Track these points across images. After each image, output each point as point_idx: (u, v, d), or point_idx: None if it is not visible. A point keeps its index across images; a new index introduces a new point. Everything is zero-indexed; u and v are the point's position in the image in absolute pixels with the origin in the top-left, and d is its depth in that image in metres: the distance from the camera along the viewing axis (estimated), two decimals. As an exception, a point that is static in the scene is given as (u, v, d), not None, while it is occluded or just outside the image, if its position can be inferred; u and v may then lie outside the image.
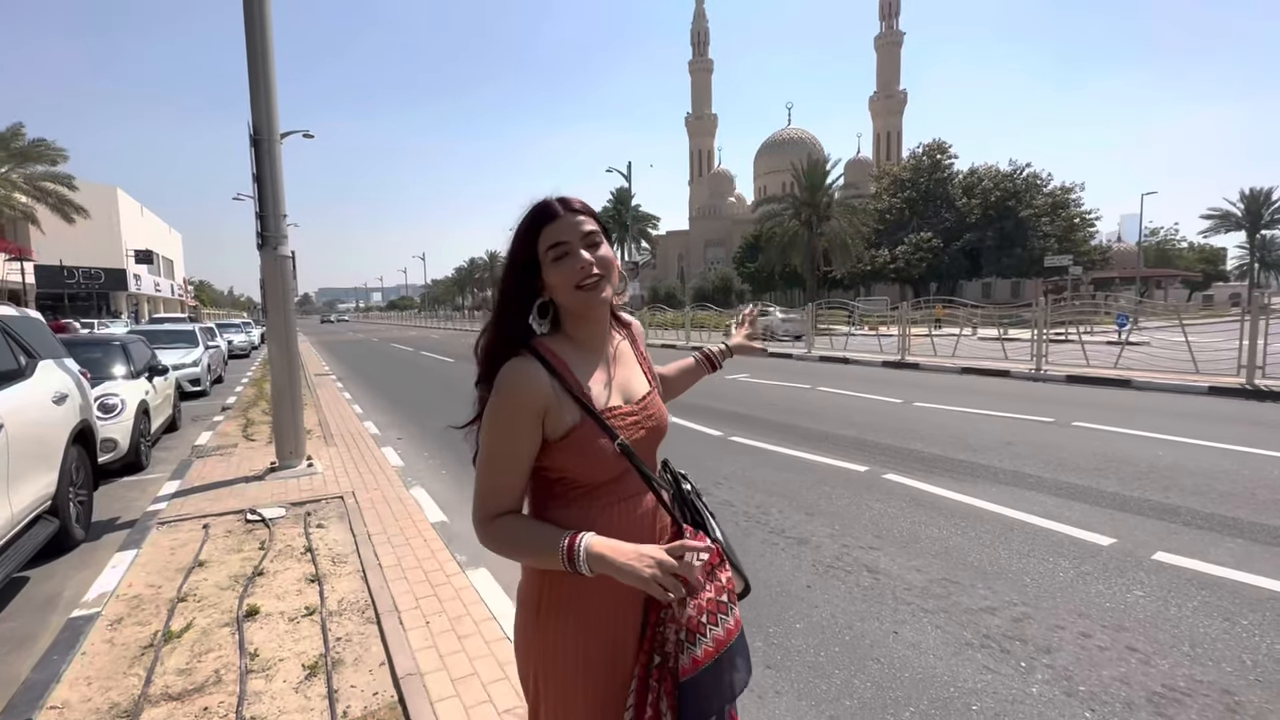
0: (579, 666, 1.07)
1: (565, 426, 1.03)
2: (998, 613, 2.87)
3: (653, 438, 1.15)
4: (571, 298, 1.06)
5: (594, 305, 1.07)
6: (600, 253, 1.06)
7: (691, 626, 1.00)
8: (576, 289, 1.04)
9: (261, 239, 5.10)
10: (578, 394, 1.05)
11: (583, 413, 1.04)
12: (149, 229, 43.69)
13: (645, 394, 1.17)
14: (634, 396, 1.15)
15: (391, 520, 4.14)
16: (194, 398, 10.94)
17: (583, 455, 1.04)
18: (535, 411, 1.02)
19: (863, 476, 5.06)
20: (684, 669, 0.99)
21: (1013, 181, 39.06)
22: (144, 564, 3.47)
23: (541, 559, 1.01)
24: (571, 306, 1.08)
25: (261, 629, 2.73)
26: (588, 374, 1.10)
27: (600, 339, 1.15)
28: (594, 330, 1.13)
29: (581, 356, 1.11)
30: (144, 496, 5.01)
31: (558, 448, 1.03)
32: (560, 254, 1.04)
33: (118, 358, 6.53)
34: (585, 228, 1.05)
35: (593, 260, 1.04)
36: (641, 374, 1.21)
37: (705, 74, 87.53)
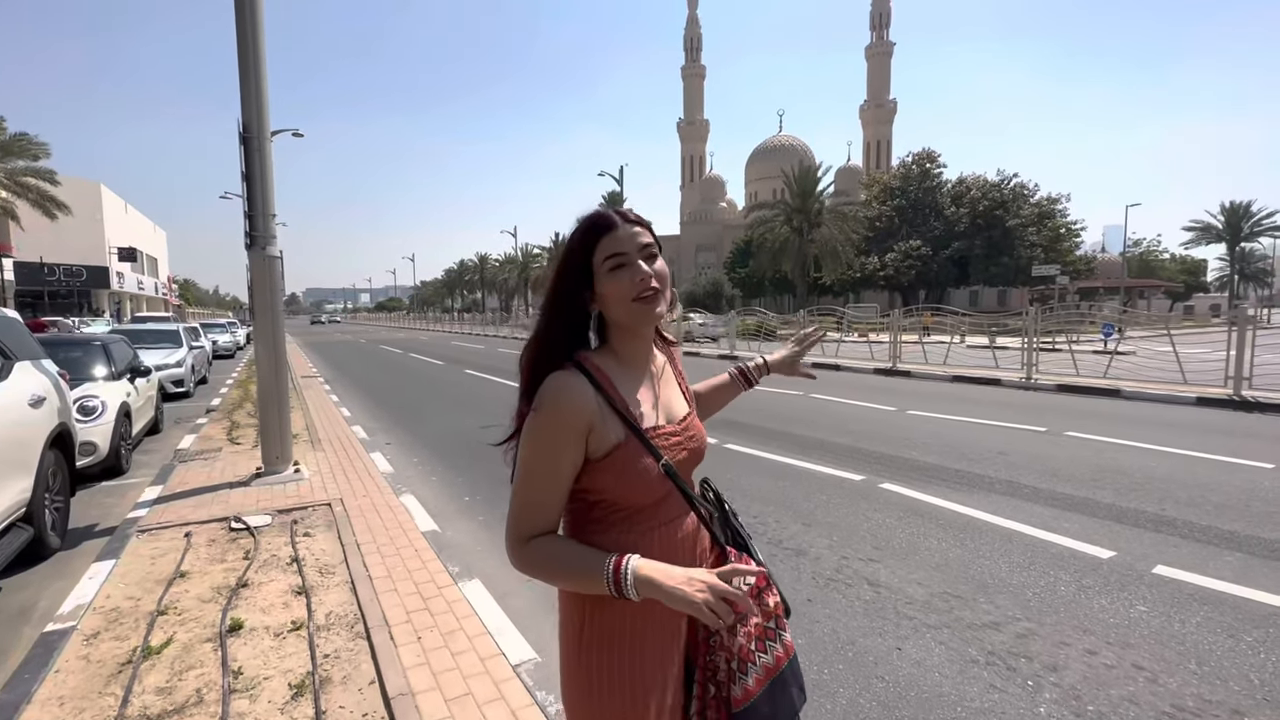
0: (627, 699, 1.01)
1: (609, 445, 0.98)
2: (1002, 628, 2.83)
3: (693, 459, 1.11)
4: (628, 311, 1.01)
5: (651, 320, 1.03)
6: (657, 266, 1.02)
7: (742, 655, 0.98)
8: (634, 301, 1.00)
9: (250, 239, 4.98)
10: (623, 411, 1.01)
11: (628, 431, 1.00)
12: (133, 226, 43.03)
13: (686, 414, 1.14)
14: (676, 416, 1.11)
15: (381, 529, 4.03)
16: (177, 399, 10.72)
17: (626, 476, 0.99)
18: (579, 428, 0.97)
19: (859, 485, 5.02)
20: (736, 699, 0.98)
21: (1000, 191, 39.49)
22: (122, 575, 3.34)
23: (583, 582, 0.96)
24: (626, 320, 1.03)
25: (246, 645, 2.62)
26: (633, 391, 1.05)
27: (645, 356, 1.11)
28: (640, 346, 1.09)
29: (626, 373, 1.06)
30: (124, 502, 4.86)
31: (600, 467, 0.99)
32: (618, 264, 1.00)
33: (98, 358, 6.36)
34: (643, 240, 1.02)
35: (651, 273, 1.00)
36: (682, 394, 1.17)
37: (698, 80, 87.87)
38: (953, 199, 40.68)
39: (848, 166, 71.12)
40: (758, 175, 77.22)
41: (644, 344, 1.10)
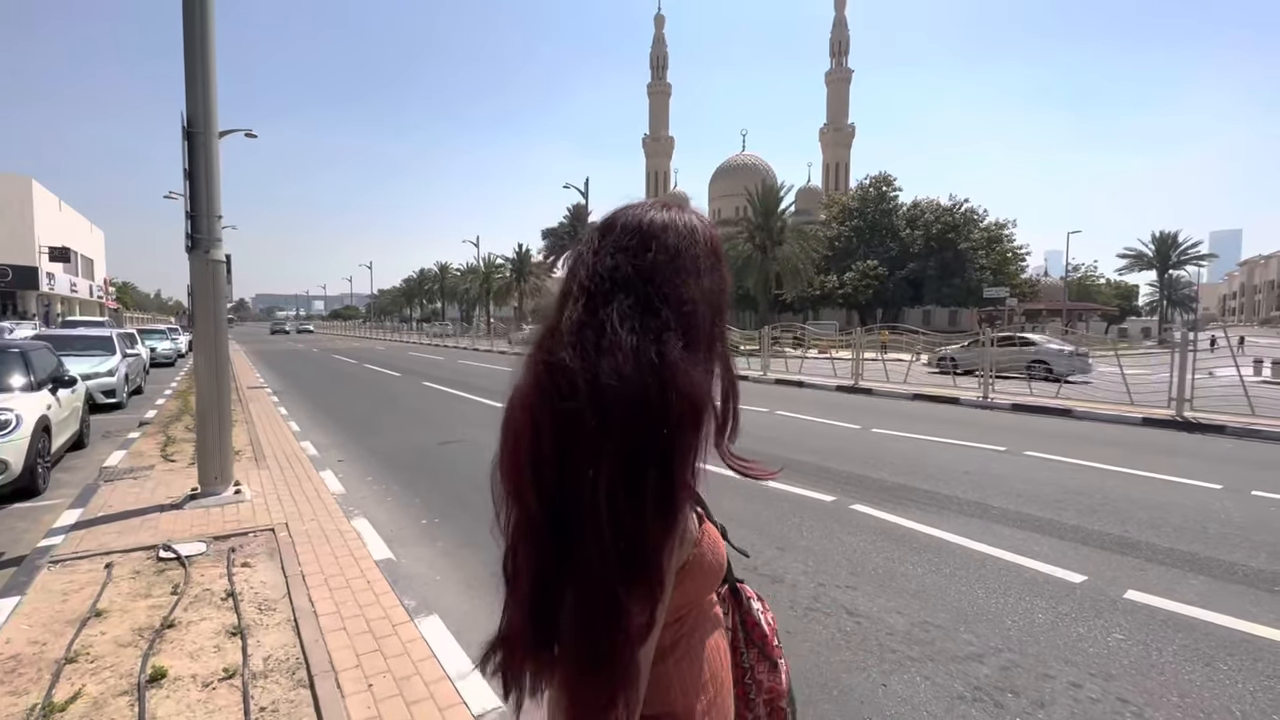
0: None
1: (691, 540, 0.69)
2: (985, 660, 2.75)
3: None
4: None
5: None
6: None
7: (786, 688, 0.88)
8: None
9: (191, 241, 4.62)
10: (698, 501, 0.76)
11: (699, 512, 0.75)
12: (67, 225, 40.55)
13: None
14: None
15: (330, 557, 3.72)
16: (108, 410, 9.98)
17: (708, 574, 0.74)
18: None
19: (830, 507, 4.95)
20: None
21: (952, 215, 41.06)
22: (27, 614, 2.96)
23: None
24: None
25: (169, 698, 2.32)
26: None
27: None
28: None
29: None
30: (36, 528, 4.40)
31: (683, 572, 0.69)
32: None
33: (15, 367, 5.81)
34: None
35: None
36: None
37: (663, 97, 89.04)
38: (908, 221, 42.08)
39: (808, 187, 72.96)
40: (721, 193, 78.45)
41: None
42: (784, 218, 33.76)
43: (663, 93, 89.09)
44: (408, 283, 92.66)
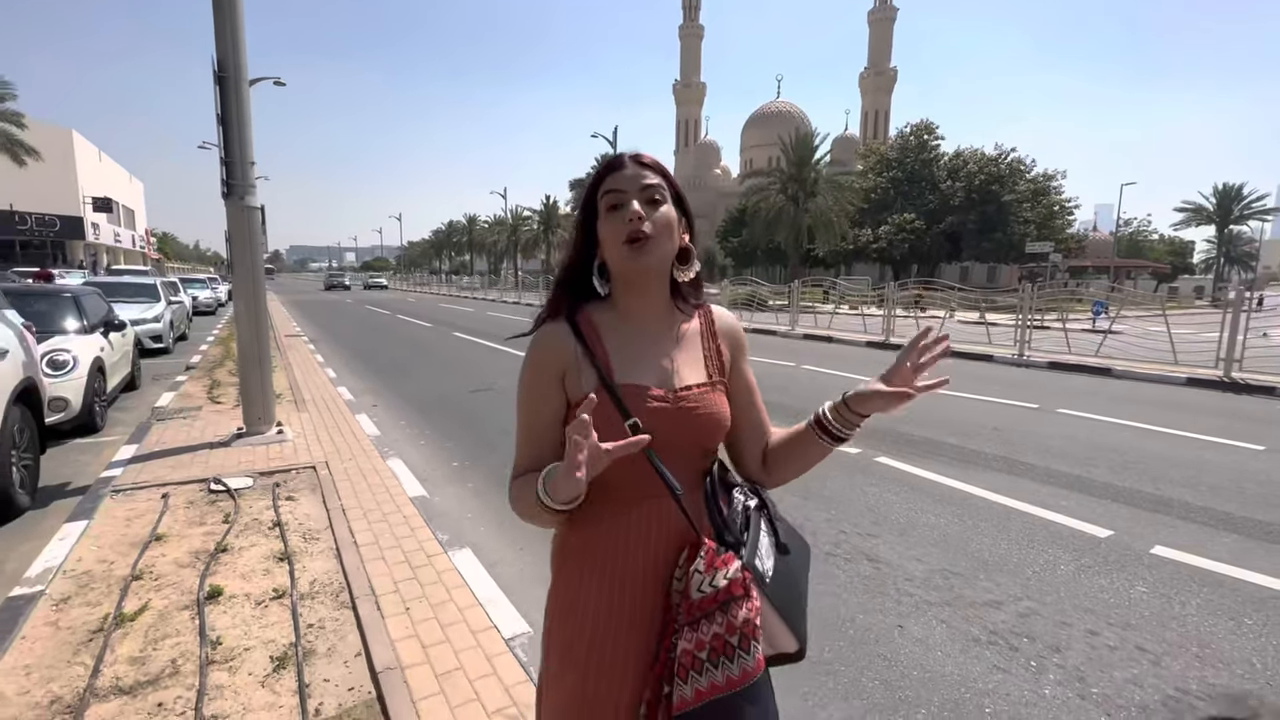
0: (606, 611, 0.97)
1: (582, 392, 0.94)
2: (1003, 607, 2.79)
3: (688, 434, 0.97)
4: (619, 256, 0.95)
5: (639, 268, 0.95)
6: (659, 212, 0.95)
7: (683, 661, 0.88)
8: (623, 244, 0.93)
9: (227, 188, 4.70)
10: (600, 363, 0.95)
11: (598, 381, 0.94)
12: (108, 176, 41.48)
13: (694, 384, 1.01)
14: (675, 383, 0.99)
15: (367, 493, 3.91)
16: (156, 355, 10.43)
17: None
18: (554, 373, 0.97)
19: (855, 459, 4.97)
20: (675, 705, 0.89)
21: (997, 166, 39.10)
22: (95, 536, 3.20)
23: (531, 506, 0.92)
24: (618, 268, 0.97)
25: (225, 613, 2.51)
26: (624, 347, 0.99)
27: (653, 314, 1.02)
28: (643, 302, 1.01)
29: (625, 328, 1.01)
30: (98, 461, 4.69)
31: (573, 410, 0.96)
32: (613, 203, 0.94)
33: (69, 311, 6.08)
34: (646, 180, 0.95)
35: (642, 213, 0.93)
36: (700, 364, 1.04)
37: (695, 40, 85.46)
38: (949, 172, 40.27)
39: (845, 136, 70.14)
40: (754, 142, 75.95)
41: (647, 299, 1.01)
42: (818, 168, 32.63)
43: (695, 35, 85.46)
44: (436, 235, 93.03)
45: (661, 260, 0.97)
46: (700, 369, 1.03)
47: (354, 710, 1.99)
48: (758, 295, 19.77)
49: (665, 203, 0.96)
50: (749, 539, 0.96)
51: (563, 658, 1.00)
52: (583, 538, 0.99)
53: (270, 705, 2.00)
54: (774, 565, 0.97)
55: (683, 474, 0.97)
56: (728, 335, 1.09)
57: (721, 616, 0.88)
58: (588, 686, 0.97)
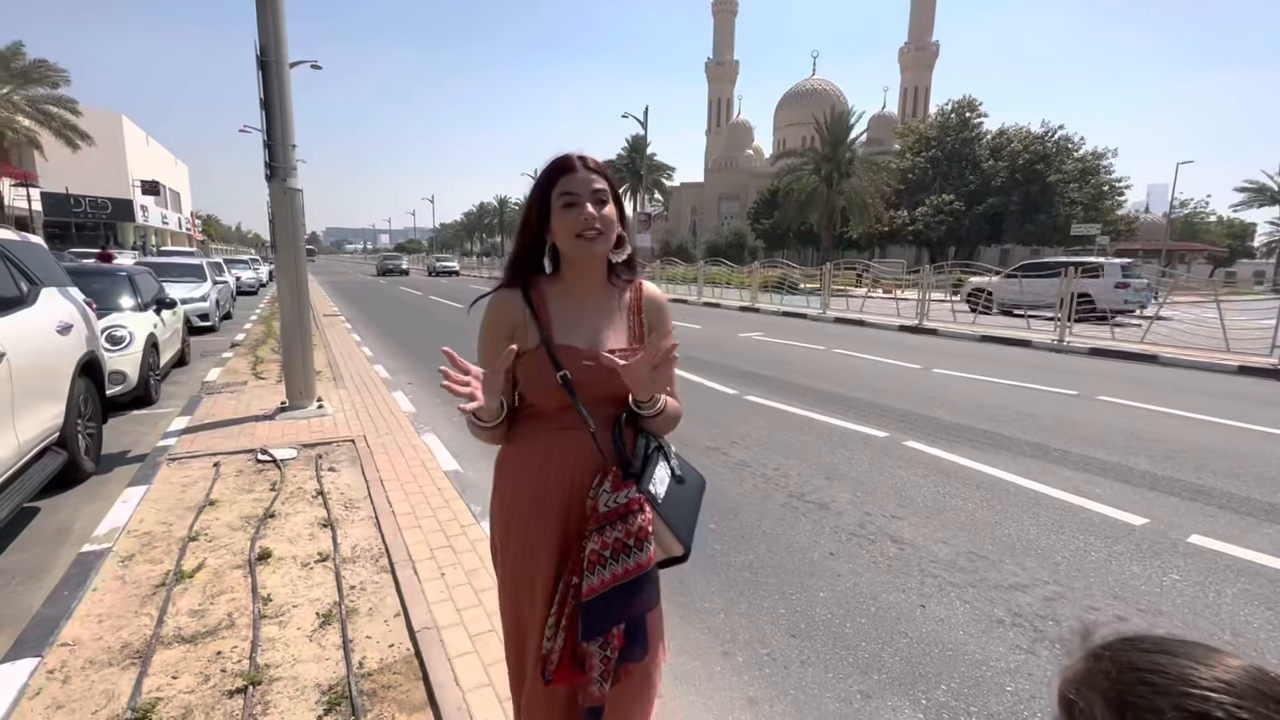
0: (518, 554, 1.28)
1: (525, 348, 1.22)
2: (1028, 590, 2.78)
3: (604, 387, 1.23)
4: (570, 245, 1.20)
5: (588, 256, 1.21)
6: (605, 211, 1.19)
7: (591, 558, 1.17)
8: (576, 238, 1.18)
9: (270, 170, 4.86)
10: (543, 325, 1.23)
11: (540, 340, 1.22)
12: (155, 159, 42.93)
13: (617, 348, 1.27)
14: (600, 345, 1.26)
15: (404, 466, 4.06)
16: (203, 333, 10.87)
17: (529, 375, 1.23)
18: (505, 330, 1.24)
19: (883, 442, 4.95)
20: (584, 592, 1.17)
21: (1043, 144, 37.54)
22: (155, 500, 3.42)
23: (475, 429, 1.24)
24: (568, 253, 1.22)
25: (274, 573, 2.67)
26: (564, 314, 1.26)
27: (590, 288, 1.28)
28: (585, 279, 1.27)
29: (567, 300, 1.27)
30: (154, 431, 4.96)
31: (517, 364, 1.21)
32: (568, 203, 1.17)
33: (124, 289, 6.39)
34: (595, 185, 1.18)
35: (595, 215, 1.17)
36: (623, 332, 1.30)
37: (729, 16, 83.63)
38: (991, 151, 38.85)
39: (882, 114, 68.13)
40: (787, 121, 74.35)
41: (587, 277, 1.26)
42: (854, 148, 31.87)
43: (728, 11, 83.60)
44: (468, 217, 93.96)
45: (605, 249, 1.21)
46: (623, 336, 1.29)
47: (394, 665, 2.12)
48: (788, 278, 19.54)
49: (609, 203, 1.20)
50: (647, 470, 1.24)
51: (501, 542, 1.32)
52: (518, 451, 1.28)
53: (318, 658, 2.14)
54: (667, 490, 1.26)
55: (600, 417, 1.25)
56: (651, 309, 1.35)
57: (621, 525, 1.17)
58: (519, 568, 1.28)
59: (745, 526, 3.42)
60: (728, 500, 3.78)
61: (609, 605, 1.17)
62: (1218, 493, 3.94)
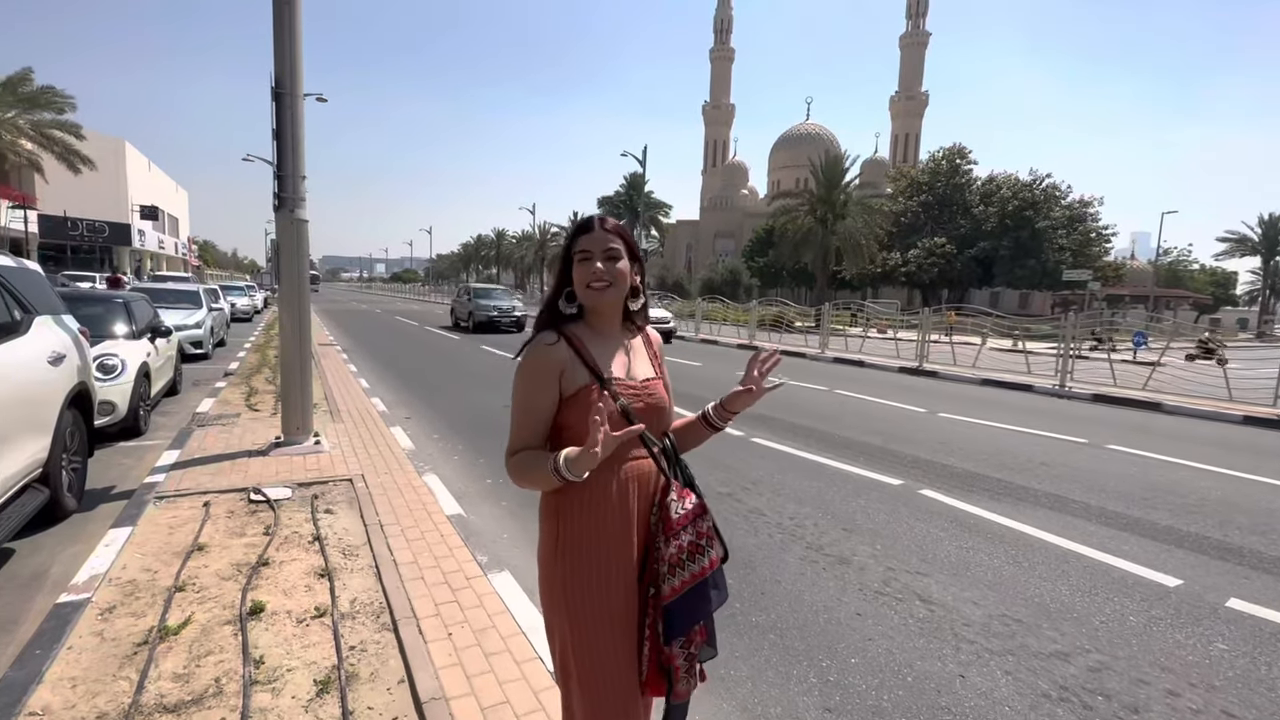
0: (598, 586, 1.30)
1: (576, 386, 1.28)
2: (1071, 660, 2.62)
3: (652, 413, 1.36)
4: (582, 294, 1.32)
5: (598, 304, 1.33)
6: (616, 266, 1.30)
7: (672, 562, 1.27)
8: (586, 288, 1.30)
9: (279, 200, 4.78)
10: (590, 362, 1.30)
11: (591, 376, 1.29)
12: (156, 185, 43.11)
13: (648, 378, 1.39)
14: (638, 376, 1.38)
15: (405, 510, 3.88)
16: (196, 360, 10.66)
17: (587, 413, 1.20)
18: (553, 371, 1.29)
19: (898, 490, 4.81)
20: (664, 596, 1.27)
21: (1032, 191, 38.50)
22: (139, 543, 3.21)
23: (539, 476, 1.24)
24: (583, 300, 1.34)
25: (267, 630, 2.47)
26: (600, 352, 1.34)
27: (612, 329, 1.39)
28: (603, 322, 1.38)
29: (596, 339, 1.36)
30: (141, 465, 4.75)
31: (569, 404, 1.29)
32: (583, 258, 1.30)
33: (119, 316, 6.23)
34: (609, 244, 1.30)
35: (604, 270, 1.29)
36: (650, 365, 1.43)
37: (726, 62, 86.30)
38: (981, 197, 39.78)
39: (874, 159, 69.83)
40: (781, 164, 76.04)
41: (607, 321, 1.37)
42: (848, 190, 32.44)
43: (725, 58, 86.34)
44: (465, 248, 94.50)
45: (615, 297, 1.33)
46: (650, 367, 1.43)
47: (398, 742, 1.93)
48: (785, 316, 19.61)
49: (621, 258, 1.31)
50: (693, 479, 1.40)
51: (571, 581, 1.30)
52: (578, 493, 1.29)
53: (314, 732, 1.94)
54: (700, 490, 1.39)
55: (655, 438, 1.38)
56: (659, 347, 1.51)
57: (692, 529, 1.30)
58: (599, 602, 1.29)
59: (764, 581, 3.26)
60: (744, 551, 3.61)
61: (689, 605, 1.28)
62: (1248, 552, 3.82)
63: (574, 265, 1.31)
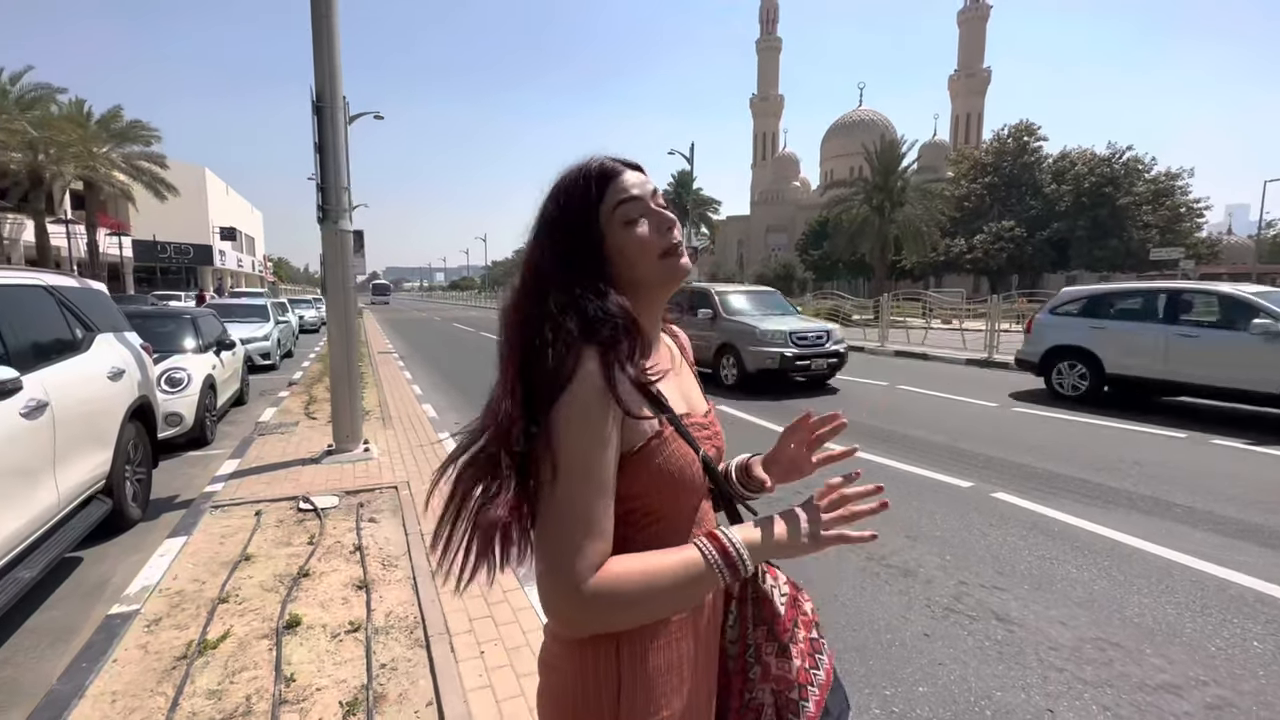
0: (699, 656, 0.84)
1: (643, 435, 0.78)
2: (1184, 694, 2.26)
3: (718, 459, 0.94)
4: (656, 269, 0.83)
5: (681, 277, 0.85)
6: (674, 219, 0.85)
7: (801, 680, 0.86)
8: (664, 257, 0.83)
9: (322, 212, 4.87)
10: (654, 393, 0.80)
11: (660, 417, 0.80)
12: (233, 207, 46.07)
13: (707, 409, 0.95)
14: (698, 408, 0.93)
15: (446, 518, 3.83)
16: (264, 371, 11.19)
17: (664, 472, 0.79)
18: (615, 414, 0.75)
19: (967, 494, 4.43)
20: None
21: (1110, 166, 35.81)
22: (192, 553, 3.28)
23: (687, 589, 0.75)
24: (654, 279, 0.84)
25: (301, 645, 2.43)
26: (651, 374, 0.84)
27: (656, 335, 0.93)
28: (654, 320, 0.90)
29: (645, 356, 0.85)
30: (205, 474, 4.93)
31: (635, 462, 0.77)
32: (636, 214, 0.81)
33: (187, 332, 6.55)
34: (651, 185, 0.85)
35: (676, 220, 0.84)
36: (696, 384, 0.99)
37: (773, 53, 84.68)
38: (1053, 175, 37.34)
39: (933, 142, 66.93)
40: (834, 152, 73.97)
41: (656, 318, 0.91)
42: (905, 176, 31.10)
43: (772, 48, 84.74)
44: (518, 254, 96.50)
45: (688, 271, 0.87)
46: (700, 391, 0.98)
47: (422, 772, 1.82)
48: (841, 310, 18.93)
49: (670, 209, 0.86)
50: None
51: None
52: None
53: (338, 758, 1.86)
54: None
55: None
56: (689, 351, 1.06)
57: (800, 620, 0.90)
58: None
59: (820, 595, 3.01)
60: (796, 563, 3.36)
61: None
62: (1398, 564, 3.27)
63: (617, 231, 0.81)
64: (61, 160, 23.62)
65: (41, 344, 3.18)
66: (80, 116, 25.43)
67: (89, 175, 25.20)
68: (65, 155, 23.60)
